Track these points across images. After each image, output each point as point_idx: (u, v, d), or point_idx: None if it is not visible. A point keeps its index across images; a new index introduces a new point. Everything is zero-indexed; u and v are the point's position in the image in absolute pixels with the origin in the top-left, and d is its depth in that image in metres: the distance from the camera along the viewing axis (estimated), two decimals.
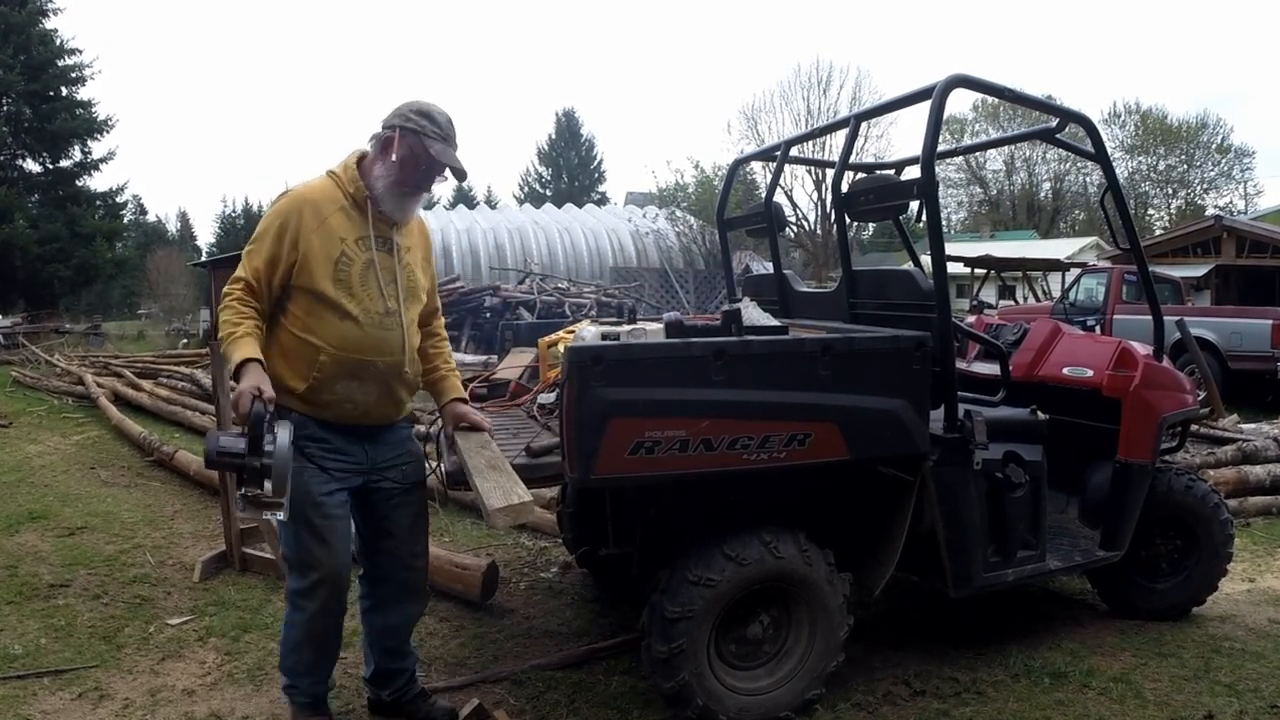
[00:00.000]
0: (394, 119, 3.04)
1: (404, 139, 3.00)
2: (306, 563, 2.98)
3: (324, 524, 2.96)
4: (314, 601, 3.01)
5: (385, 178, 3.03)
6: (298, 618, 3.05)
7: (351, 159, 3.10)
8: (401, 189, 3.05)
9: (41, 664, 3.91)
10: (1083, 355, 4.28)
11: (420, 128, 3.00)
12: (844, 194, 3.91)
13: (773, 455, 3.04)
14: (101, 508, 6.57)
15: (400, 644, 3.37)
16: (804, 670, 3.36)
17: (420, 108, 3.05)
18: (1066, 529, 4.26)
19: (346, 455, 3.05)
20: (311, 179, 3.11)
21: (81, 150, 30.12)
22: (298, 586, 3.03)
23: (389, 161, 3.02)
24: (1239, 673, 3.80)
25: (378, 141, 3.07)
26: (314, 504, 2.94)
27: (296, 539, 2.97)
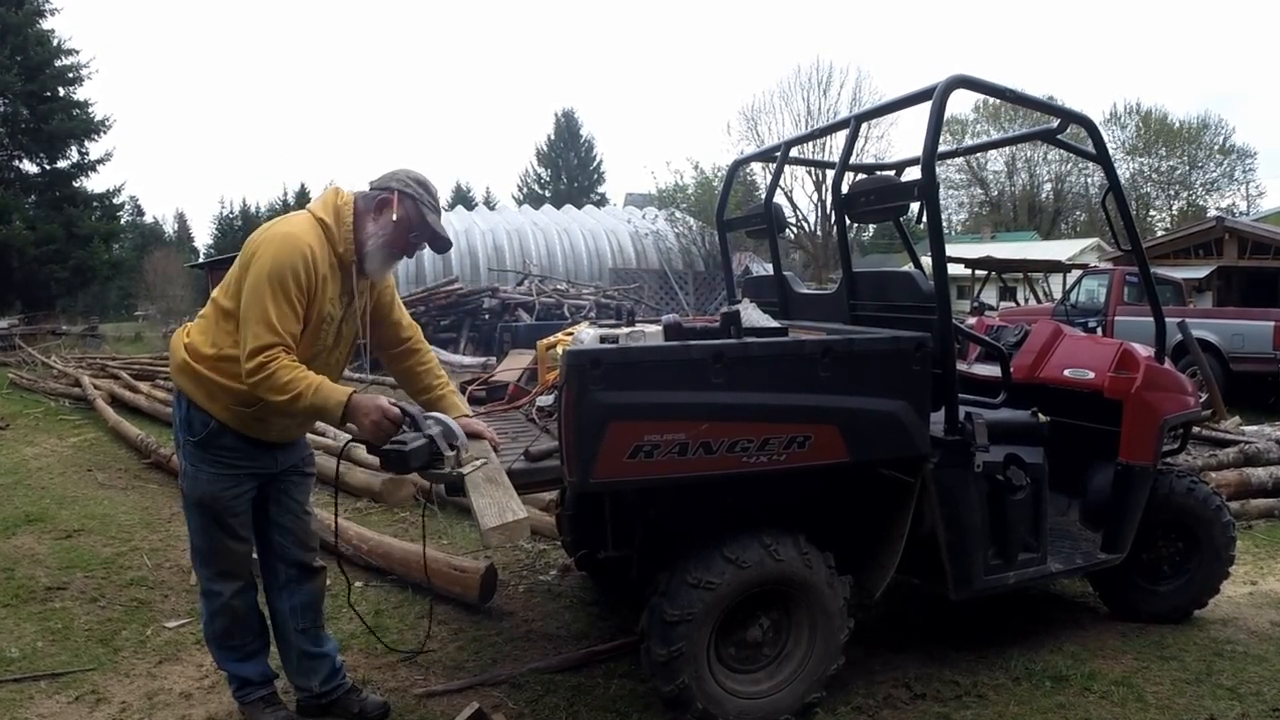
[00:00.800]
0: (390, 182, 3.09)
1: (402, 202, 3.06)
2: (217, 553, 3.16)
3: (234, 520, 3.14)
4: (229, 584, 3.19)
5: (378, 237, 3.07)
6: (217, 604, 3.20)
7: (347, 212, 3.07)
8: (390, 250, 3.10)
9: (38, 667, 3.90)
10: (1084, 357, 4.26)
11: (418, 195, 3.09)
12: (844, 195, 3.89)
13: (773, 458, 3.03)
14: (98, 510, 6.56)
15: (313, 625, 3.43)
16: (804, 673, 3.35)
17: (417, 176, 3.14)
18: (1068, 531, 4.24)
19: (257, 462, 3.16)
20: (298, 220, 3.04)
21: (79, 151, 30.30)
22: (208, 573, 3.20)
23: (384, 221, 3.06)
24: (1241, 676, 3.79)
25: (371, 201, 3.09)
26: (224, 506, 3.10)
27: (206, 534, 3.14)
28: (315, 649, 3.43)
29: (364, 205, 3.10)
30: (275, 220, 3.07)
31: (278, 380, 2.78)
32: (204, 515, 3.11)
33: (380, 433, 2.86)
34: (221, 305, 3.00)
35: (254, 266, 2.87)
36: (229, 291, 2.99)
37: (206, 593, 3.23)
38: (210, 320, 3.03)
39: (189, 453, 3.08)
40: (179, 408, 3.12)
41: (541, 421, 3.65)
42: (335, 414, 2.85)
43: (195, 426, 3.05)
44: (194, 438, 3.05)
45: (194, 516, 3.15)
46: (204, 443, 3.04)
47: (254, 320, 2.82)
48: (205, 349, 3.00)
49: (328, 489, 7.01)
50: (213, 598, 3.21)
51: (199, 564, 3.23)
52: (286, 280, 2.84)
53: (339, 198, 3.10)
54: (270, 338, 2.81)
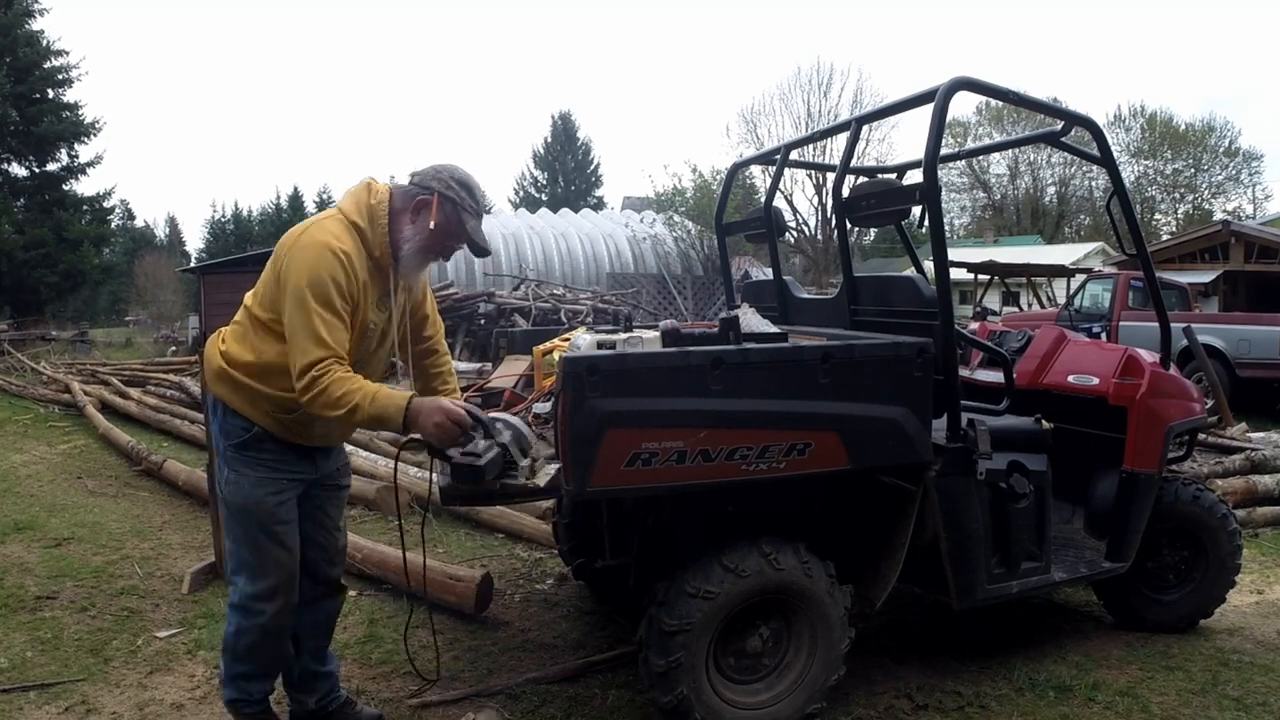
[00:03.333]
0: (432, 182, 2.97)
1: (442, 207, 2.95)
2: (265, 565, 3.01)
3: (281, 529, 3.01)
4: (273, 603, 3.03)
5: (415, 240, 2.96)
6: (252, 622, 3.03)
7: (382, 211, 2.95)
8: (426, 254, 3.01)
9: (27, 677, 3.87)
10: (1088, 363, 4.25)
11: (460, 199, 2.97)
12: (845, 199, 3.88)
13: (772, 465, 3.01)
14: (88, 518, 6.53)
15: (323, 643, 3.39)
16: (804, 684, 3.32)
17: (461, 177, 3.00)
18: (1072, 540, 4.22)
19: (297, 469, 3.08)
20: (330, 225, 2.90)
21: (68, 154, 30.00)
22: (254, 590, 3.02)
23: (422, 225, 2.95)
24: (1247, 686, 3.77)
25: (409, 199, 2.97)
26: (269, 511, 2.99)
27: (253, 544, 3.00)
28: (320, 667, 3.37)
29: (400, 203, 2.97)
30: (307, 224, 2.94)
31: (331, 395, 2.69)
32: (249, 523, 2.98)
33: (446, 437, 2.79)
34: (256, 315, 2.92)
35: (290, 279, 2.77)
36: (262, 301, 2.91)
37: (245, 607, 3.04)
38: (245, 328, 2.96)
39: (229, 458, 3.00)
40: (214, 415, 3.07)
41: (538, 429, 3.61)
42: (397, 420, 2.75)
43: (234, 432, 2.97)
44: (234, 442, 2.97)
45: (239, 526, 3.01)
46: (244, 446, 2.97)
47: (300, 336, 2.72)
48: (244, 356, 2.92)
49: None
50: (251, 615, 3.03)
51: (247, 578, 3.03)
52: (328, 290, 2.74)
53: (372, 195, 2.97)
54: (319, 352, 2.71)
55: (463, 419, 2.79)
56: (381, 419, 2.75)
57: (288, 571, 3.04)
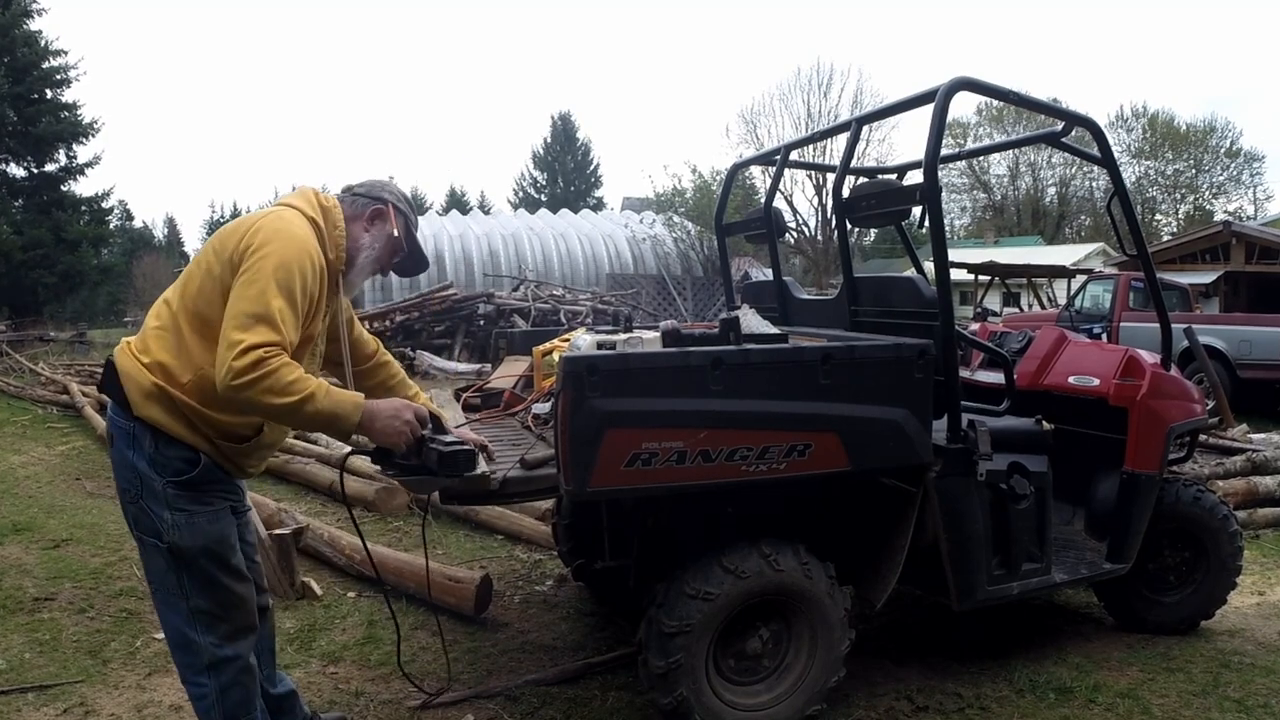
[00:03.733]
0: (382, 193, 2.85)
1: (399, 218, 2.85)
2: (227, 605, 2.65)
3: (235, 561, 2.68)
4: (246, 641, 2.72)
5: (371, 250, 2.80)
6: (232, 672, 2.66)
7: (337, 215, 2.75)
8: (376, 265, 2.85)
9: (25, 679, 3.84)
10: (1089, 364, 4.24)
11: (409, 214, 2.90)
12: (845, 199, 3.87)
13: (772, 466, 2.99)
14: (87, 519, 6.50)
15: (270, 669, 3.08)
16: (804, 685, 3.31)
17: (403, 194, 2.93)
18: (1072, 541, 4.22)
19: (235, 495, 2.80)
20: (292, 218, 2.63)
21: (66, 154, 29.74)
22: (219, 638, 2.64)
23: (379, 234, 2.81)
24: (1248, 688, 3.76)
25: (361, 207, 2.81)
26: (228, 545, 2.66)
27: (210, 588, 2.61)
28: (275, 689, 3.09)
29: (351, 211, 2.80)
30: (263, 214, 2.64)
31: (280, 379, 2.32)
32: (209, 565, 2.58)
33: (401, 439, 2.55)
34: (197, 315, 2.54)
35: (254, 260, 2.44)
36: (202, 299, 2.52)
37: (216, 664, 2.63)
38: (178, 335, 2.55)
39: (170, 498, 2.53)
40: (138, 446, 2.55)
41: (537, 429, 3.61)
42: (353, 419, 2.45)
43: (175, 465, 2.54)
44: (177, 478, 2.54)
45: (190, 572, 2.58)
46: (192, 484, 2.56)
47: (251, 313, 2.36)
48: (184, 373, 2.51)
49: (318, 497, 7.02)
50: (227, 666, 2.65)
51: (203, 630, 2.62)
52: (293, 280, 2.45)
53: (323, 199, 2.77)
54: (271, 335, 2.35)
55: (425, 416, 2.62)
56: (335, 416, 2.43)
57: (250, 602, 2.73)
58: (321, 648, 4.17)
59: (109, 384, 2.62)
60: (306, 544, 5.24)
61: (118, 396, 2.58)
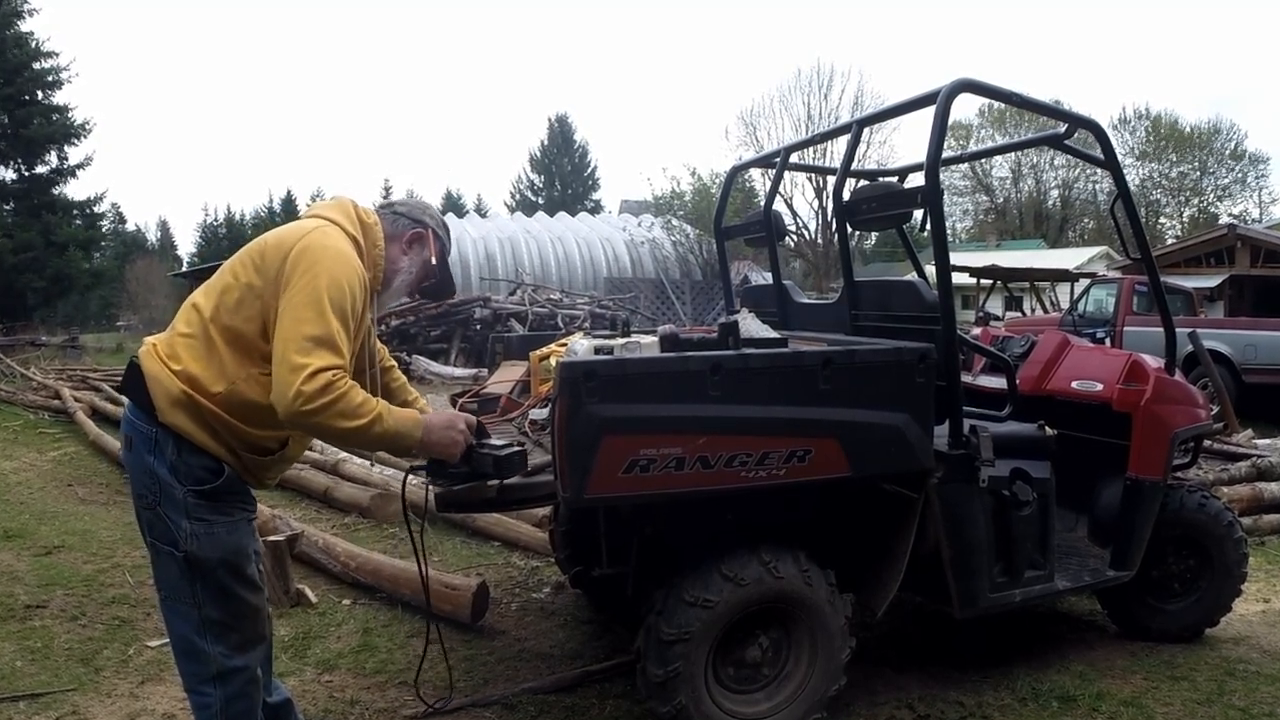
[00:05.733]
0: (423, 216, 2.85)
1: (436, 244, 2.85)
2: (240, 616, 2.62)
3: (251, 570, 2.66)
4: (257, 651, 2.70)
5: (408, 274, 2.82)
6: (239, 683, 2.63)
7: (377, 234, 2.74)
8: (407, 290, 2.88)
9: (17, 687, 3.82)
10: (1092, 369, 4.22)
11: (445, 241, 2.90)
12: (846, 202, 3.86)
13: (772, 472, 2.98)
14: (79, 526, 6.47)
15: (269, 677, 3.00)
16: (804, 694, 3.30)
17: (444, 220, 2.93)
18: (1075, 548, 4.19)
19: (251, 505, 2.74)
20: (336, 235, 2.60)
21: (58, 156, 29.59)
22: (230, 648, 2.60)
23: (416, 258, 2.83)
24: (1253, 696, 3.73)
25: (401, 228, 2.80)
26: (247, 556, 2.64)
27: (223, 598, 2.58)
28: (271, 698, 3.00)
29: (391, 230, 2.79)
30: (306, 228, 2.59)
31: (350, 403, 2.36)
32: (225, 576, 2.55)
33: (456, 449, 2.63)
34: (228, 327, 2.50)
35: (305, 279, 2.41)
36: (240, 310, 2.49)
37: (225, 674, 2.60)
38: (209, 344, 2.51)
39: (190, 506, 2.49)
40: (160, 452, 2.50)
41: (534, 435, 3.59)
42: (415, 435, 2.52)
43: (197, 473, 2.50)
44: (199, 487, 2.50)
45: (206, 582, 2.54)
46: (214, 494, 2.53)
47: (312, 335, 2.36)
48: (215, 383, 2.48)
49: (312, 503, 6.98)
50: (235, 676, 2.61)
51: (213, 640, 2.58)
52: (346, 301, 2.44)
53: (364, 214, 2.75)
54: (335, 359, 2.37)
55: (474, 424, 2.72)
56: (399, 434, 2.49)
57: (263, 613, 2.71)
58: (316, 655, 4.14)
59: (133, 386, 2.57)
60: (301, 551, 5.20)
61: (141, 400, 2.53)
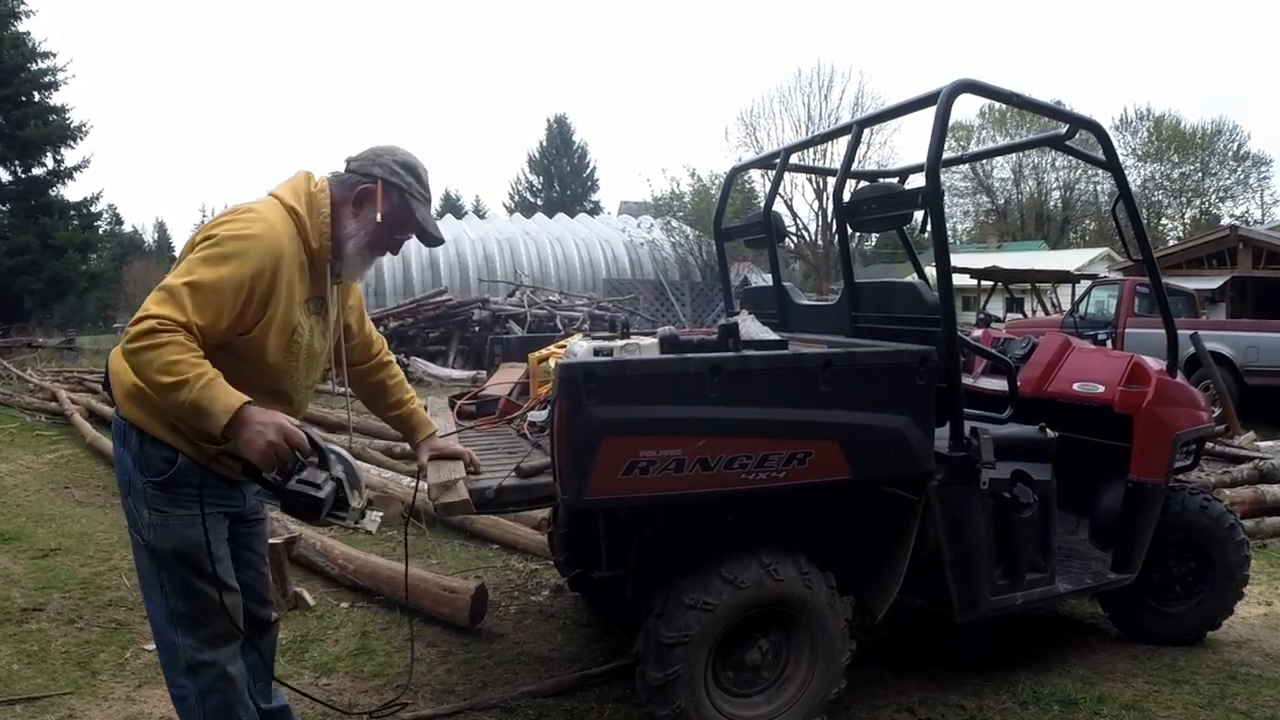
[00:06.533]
0: (373, 168, 2.67)
1: (388, 196, 2.66)
2: (207, 611, 2.61)
3: (219, 568, 2.63)
4: (227, 648, 2.68)
5: (359, 236, 2.67)
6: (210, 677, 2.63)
7: (323, 200, 2.63)
8: (373, 251, 2.74)
9: (13, 691, 3.80)
10: (1093, 370, 4.20)
11: (406, 186, 2.69)
12: (846, 203, 3.84)
13: (772, 475, 2.96)
14: (76, 529, 6.45)
15: (266, 683, 3.02)
16: (804, 697, 3.29)
17: (405, 160, 2.72)
18: (1076, 550, 4.18)
19: (228, 499, 2.72)
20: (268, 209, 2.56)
21: (54, 158, 29.42)
22: (198, 642, 2.61)
23: (366, 219, 2.67)
24: (1255, 700, 3.72)
25: (349, 188, 2.67)
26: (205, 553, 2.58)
27: (188, 592, 2.58)
28: (268, 705, 3.02)
29: (340, 193, 2.66)
30: (238, 206, 2.58)
31: (163, 357, 2.24)
32: (183, 568, 2.56)
33: (271, 459, 2.37)
34: None
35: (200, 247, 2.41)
36: None
37: (194, 666, 2.62)
38: None
39: (149, 497, 2.53)
40: (127, 444, 2.57)
41: (533, 437, 3.58)
42: (220, 420, 2.28)
43: (155, 464, 2.52)
44: (156, 478, 2.52)
45: (169, 574, 2.57)
46: (169, 483, 2.53)
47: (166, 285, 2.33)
48: None
49: None
50: (204, 670, 2.62)
51: (183, 632, 2.61)
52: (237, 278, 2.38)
53: (311, 183, 2.66)
54: (174, 313, 2.28)
55: (302, 444, 2.40)
56: (204, 412, 2.28)
57: (232, 609, 2.67)
58: (314, 659, 4.13)
59: (106, 383, 2.69)
60: (299, 554, 5.18)
61: (112, 396, 2.63)
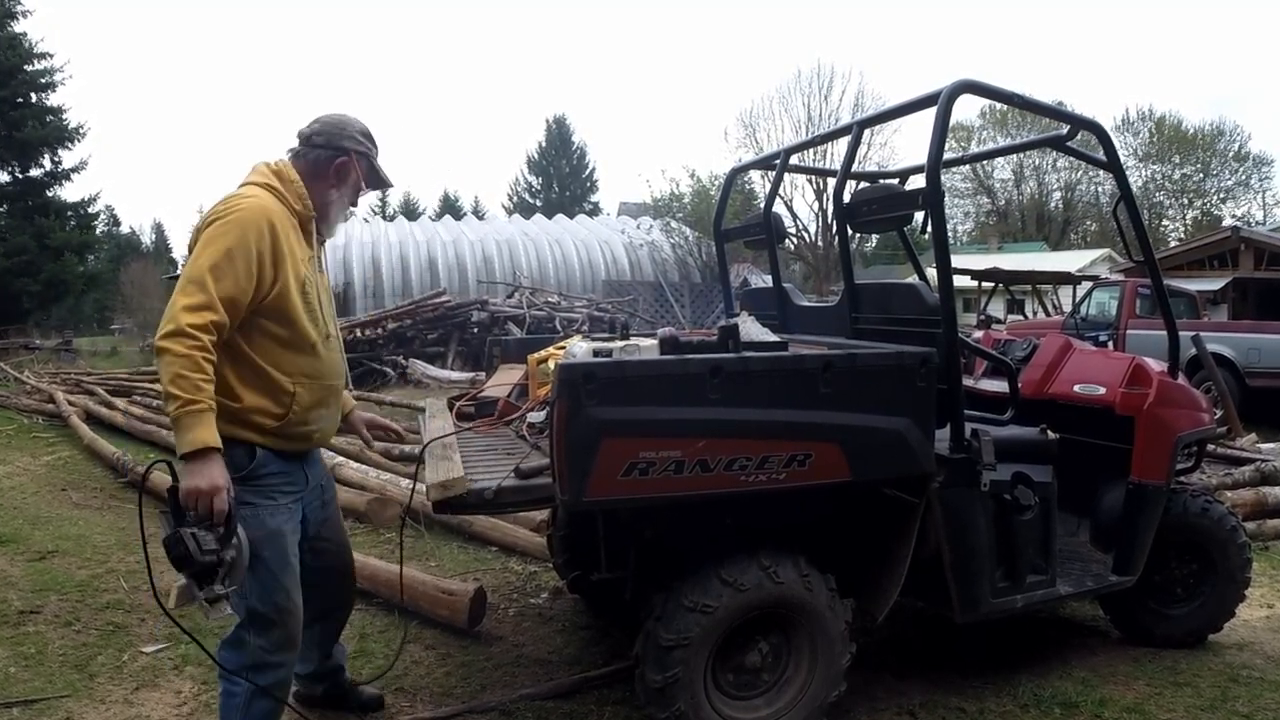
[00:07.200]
0: (341, 139, 2.98)
1: (359, 163, 3.03)
2: (283, 610, 2.83)
3: (294, 561, 2.90)
4: (290, 653, 2.89)
5: (339, 202, 3.03)
6: (270, 679, 2.83)
7: (289, 172, 2.91)
8: (346, 208, 3.09)
9: (11, 694, 3.79)
10: (1094, 372, 4.18)
11: (368, 151, 3.05)
12: (846, 204, 3.84)
13: (772, 476, 2.96)
14: (73, 531, 6.44)
15: (332, 648, 3.50)
16: (805, 700, 3.27)
17: (362, 128, 3.06)
18: (1078, 553, 4.16)
19: (294, 484, 2.96)
20: (246, 190, 2.82)
21: (51, 159, 29.49)
22: (271, 641, 2.82)
23: (346, 187, 3.02)
24: (1257, 703, 3.71)
25: (324, 164, 2.96)
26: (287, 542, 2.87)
27: (269, 586, 2.79)
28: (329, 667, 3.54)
29: (310, 168, 2.95)
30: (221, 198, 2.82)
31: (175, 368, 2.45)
32: (266, 560, 2.75)
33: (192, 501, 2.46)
34: None
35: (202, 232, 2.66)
36: None
37: (259, 666, 2.80)
38: None
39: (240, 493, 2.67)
40: None
41: (532, 438, 3.57)
42: (186, 446, 2.45)
43: (238, 461, 2.70)
44: (238, 474, 2.67)
45: (256, 570, 2.73)
46: (250, 477, 2.76)
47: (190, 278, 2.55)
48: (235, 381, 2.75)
49: None
50: (268, 671, 2.81)
51: (256, 632, 2.80)
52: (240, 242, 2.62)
53: (276, 165, 2.95)
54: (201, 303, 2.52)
55: (220, 512, 2.48)
56: (179, 429, 2.47)
57: (298, 614, 2.89)
58: None
59: None
60: None
61: None
